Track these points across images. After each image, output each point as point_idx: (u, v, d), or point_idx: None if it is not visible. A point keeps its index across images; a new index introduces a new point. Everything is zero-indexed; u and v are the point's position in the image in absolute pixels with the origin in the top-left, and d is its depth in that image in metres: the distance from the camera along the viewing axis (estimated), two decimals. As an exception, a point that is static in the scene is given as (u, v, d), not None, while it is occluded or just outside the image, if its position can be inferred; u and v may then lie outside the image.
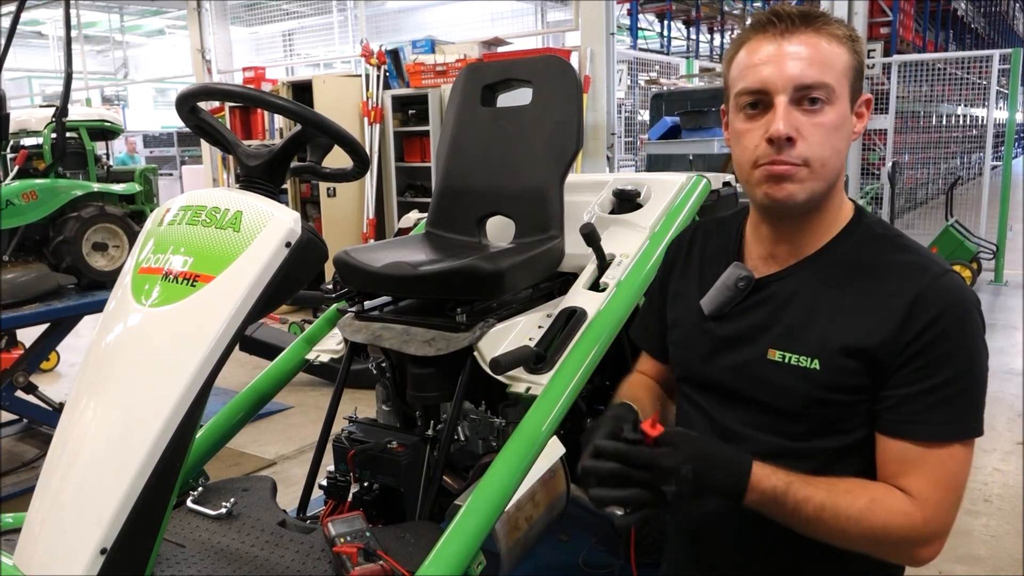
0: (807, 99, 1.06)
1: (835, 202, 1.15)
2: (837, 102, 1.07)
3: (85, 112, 4.37)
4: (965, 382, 1.03)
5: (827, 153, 1.08)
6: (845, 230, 1.14)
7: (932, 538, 1.03)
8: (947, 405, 1.02)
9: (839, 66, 1.07)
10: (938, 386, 1.02)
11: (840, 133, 1.09)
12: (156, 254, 1.42)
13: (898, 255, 1.10)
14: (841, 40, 1.08)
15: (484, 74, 2.32)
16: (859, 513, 1.01)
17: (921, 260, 1.08)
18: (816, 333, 1.09)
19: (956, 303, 1.03)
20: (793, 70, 1.05)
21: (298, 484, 2.22)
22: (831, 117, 1.07)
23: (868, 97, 1.12)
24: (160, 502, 1.31)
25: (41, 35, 17.26)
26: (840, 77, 1.07)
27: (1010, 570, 2.69)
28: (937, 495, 1.02)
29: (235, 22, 11.63)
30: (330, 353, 2.15)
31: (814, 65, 1.06)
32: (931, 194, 11.82)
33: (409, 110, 6.60)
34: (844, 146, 1.11)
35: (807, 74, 1.05)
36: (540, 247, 2.01)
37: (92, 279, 3.59)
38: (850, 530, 1.01)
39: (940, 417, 1.02)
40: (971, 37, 18.52)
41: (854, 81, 1.09)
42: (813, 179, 1.08)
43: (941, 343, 1.02)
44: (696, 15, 16.21)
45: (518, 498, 1.76)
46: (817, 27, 1.08)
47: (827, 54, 1.07)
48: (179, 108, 1.59)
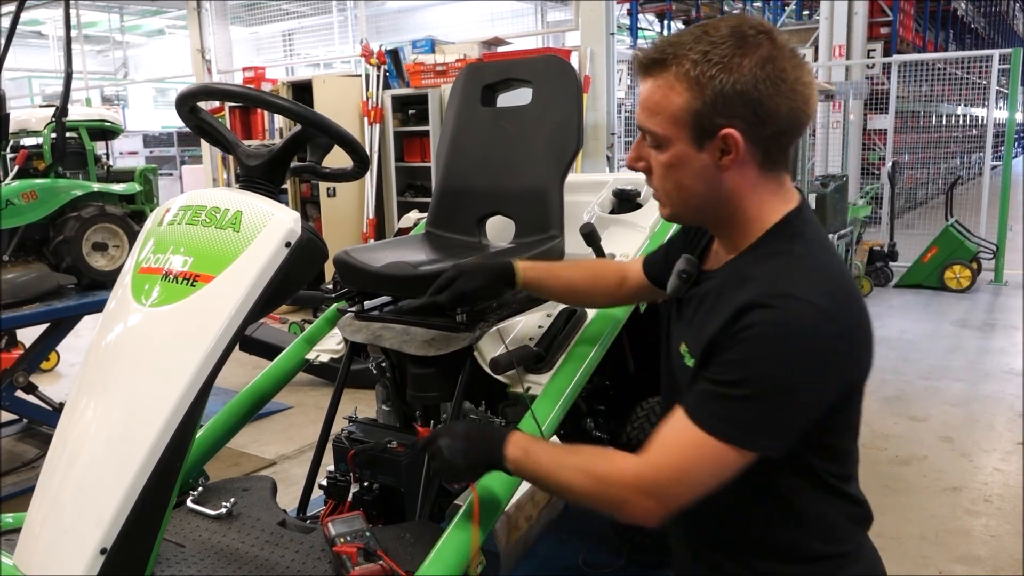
0: (647, 138, 1.16)
1: (740, 218, 1.16)
2: (669, 145, 1.13)
3: (85, 112, 4.37)
4: (743, 392, 1.04)
5: (668, 187, 1.17)
6: (757, 242, 1.16)
7: (639, 496, 1.10)
8: (718, 399, 1.06)
9: (668, 111, 1.11)
10: (722, 382, 1.06)
11: (680, 172, 1.14)
12: (156, 254, 1.42)
13: (771, 266, 1.11)
14: (682, 80, 1.09)
15: (484, 74, 2.32)
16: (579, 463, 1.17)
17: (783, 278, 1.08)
18: (698, 334, 1.14)
19: (776, 327, 1.03)
20: (637, 112, 1.17)
21: (298, 484, 2.22)
22: (665, 157, 1.14)
23: (728, 132, 1.08)
24: (160, 502, 1.31)
25: (41, 35, 17.25)
26: (669, 123, 1.11)
27: (1010, 570, 2.69)
28: (661, 462, 1.09)
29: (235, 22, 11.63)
30: (330, 353, 2.15)
31: (644, 111, 1.15)
32: (931, 194, 11.83)
33: (409, 110, 6.60)
34: (692, 182, 1.14)
35: (639, 118, 1.16)
36: (540, 247, 2.01)
37: (92, 279, 3.59)
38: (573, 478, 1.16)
39: (703, 402, 1.07)
40: (971, 37, 18.52)
41: (695, 122, 1.10)
42: (666, 206, 1.20)
43: (739, 348, 1.05)
44: (696, 15, 16.20)
45: (518, 498, 1.77)
46: (658, 72, 1.12)
47: (657, 100, 1.12)
48: (179, 108, 1.59)
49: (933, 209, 9.77)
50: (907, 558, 2.75)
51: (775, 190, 1.16)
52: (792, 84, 1.09)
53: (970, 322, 6.06)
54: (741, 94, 1.07)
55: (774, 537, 1.18)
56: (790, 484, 1.15)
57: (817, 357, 1.03)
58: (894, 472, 3.45)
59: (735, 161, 1.11)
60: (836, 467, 1.17)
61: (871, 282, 7.10)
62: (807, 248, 1.12)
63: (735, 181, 1.13)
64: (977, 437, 3.84)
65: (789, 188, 1.19)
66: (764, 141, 1.11)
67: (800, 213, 1.17)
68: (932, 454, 3.63)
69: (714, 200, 1.15)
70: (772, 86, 1.07)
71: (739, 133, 1.09)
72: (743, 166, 1.12)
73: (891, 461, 3.57)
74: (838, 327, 1.04)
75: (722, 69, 1.07)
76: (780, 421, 1.06)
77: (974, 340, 5.58)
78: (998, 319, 6.18)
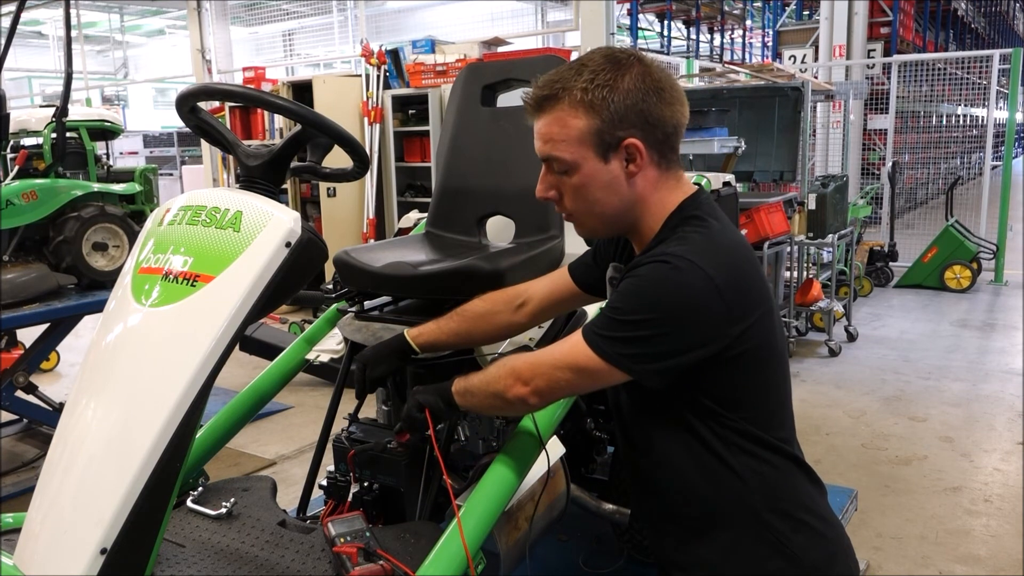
0: (554, 167, 1.30)
1: (644, 217, 1.33)
2: (579, 166, 1.27)
3: (85, 112, 4.36)
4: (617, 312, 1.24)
5: (582, 206, 1.32)
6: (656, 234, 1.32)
7: (515, 381, 1.32)
8: (601, 319, 1.26)
9: (572, 136, 1.26)
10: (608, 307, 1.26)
11: (590, 189, 1.29)
12: (156, 254, 1.42)
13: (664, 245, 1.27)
14: (576, 107, 1.25)
15: (484, 74, 2.32)
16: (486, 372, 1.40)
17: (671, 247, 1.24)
18: None
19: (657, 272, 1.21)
20: (537, 146, 1.31)
21: (298, 484, 2.22)
22: (575, 180, 1.29)
23: (631, 141, 1.25)
24: (160, 502, 1.31)
25: (41, 35, 17.26)
26: (575, 145, 1.26)
27: (1010, 570, 2.69)
28: (540, 357, 1.32)
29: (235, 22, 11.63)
30: (330, 353, 2.15)
31: (547, 142, 1.29)
32: (931, 194, 11.83)
33: (409, 110, 6.60)
34: (603, 195, 1.29)
35: (543, 150, 1.30)
36: (540, 247, 2.01)
37: (92, 279, 3.59)
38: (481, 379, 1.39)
39: (592, 323, 1.27)
40: (971, 37, 18.52)
41: (597, 139, 1.25)
42: (583, 224, 1.36)
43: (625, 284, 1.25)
44: (696, 15, 16.21)
45: (518, 498, 1.76)
46: (551, 106, 1.27)
47: (556, 131, 1.27)
48: (179, 108, 1.59)
49: (933, 209, 9.77)
50: (907, 558, 2.75)
51: (673, 186, 1.32)
52: (670, 92, 1.27)
53: (970, 322, 6.06)
54: (632, 107, 1.24)
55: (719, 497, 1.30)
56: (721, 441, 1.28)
57: (686, 303, 1.19)
58: (894, 472, 3.46)
59: (640, 166, 1.27)
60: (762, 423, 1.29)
61: (871, 282, 7.11)
62: (698, 224, 1.28)
63: (640, 184, 1.29)
64: (977, 437, 3.85)
65: (685, 181, 1.35)
66: (658, 143, 1.28)
67: (693, 199, 1.33)
68: (932, 454, 3.63)
69: (625, 207, 1.31)
70: (655, 95, 1.25)
71: (639, 140, 1.25)
72: (646, 169, 1.28)
73: (891, 461, 3.57)
74: (712, 283, 1.19)
75: (610, 90, 1.23)
76: (646, 349, 1.21)
77: (974, 340, 5.58)
78: (998, 319, 6.18)
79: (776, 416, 1.33)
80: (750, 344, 1.24)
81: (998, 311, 6.47)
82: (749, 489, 1.28)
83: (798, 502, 1.31)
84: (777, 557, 1.27)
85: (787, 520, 1.29)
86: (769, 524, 1.28)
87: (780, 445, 1.31)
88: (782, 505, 1.29)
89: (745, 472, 1.28)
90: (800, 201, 5.47)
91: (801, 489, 1.33)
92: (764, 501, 1.28)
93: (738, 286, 1.22)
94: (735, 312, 1.21)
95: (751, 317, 1.24)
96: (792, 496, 1.31)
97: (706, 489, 1.30)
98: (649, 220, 1.32)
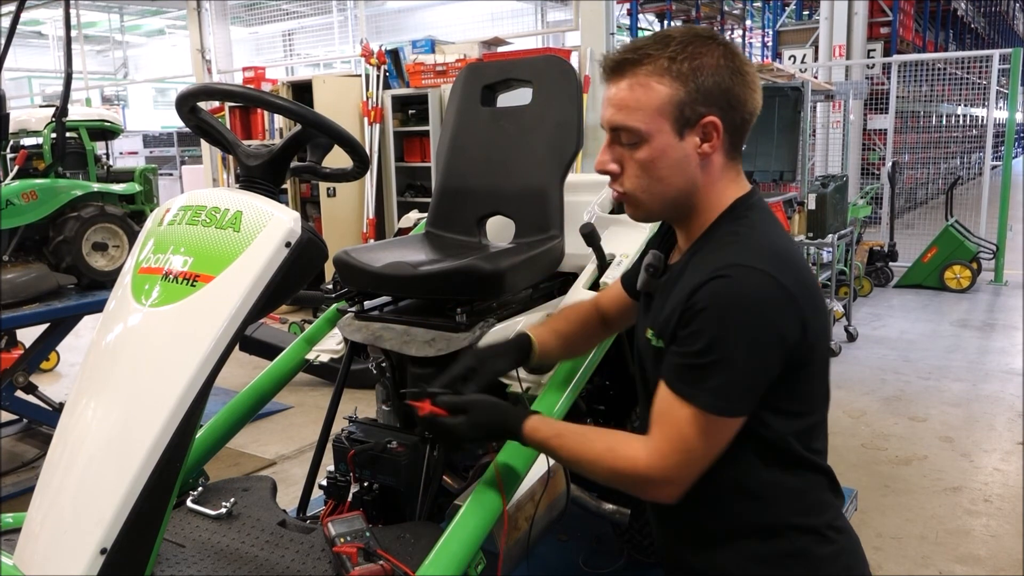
0: (622, 138, 1.21)
1: (701, 206, 1.25)
2: (651, 138, 1.19)
3: (85, 112, 4.36)
4: (711, 360, 1.13)
5: (645, 183, 1.22)
6: (709, 227, 1.25)
7: (655, 483, 1.19)
8: (693, 371, 1.15)
9: (652, 105, 1.18)
10: (690, 353, 1.15)
11: (659, 164, 1.20)
12: (156, 254, 1.42)
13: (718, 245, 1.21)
14: (662, 75, 1.18)
15: (484, 74, 2.32)
16: (595, 458, 1.24)
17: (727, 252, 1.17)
18: (664, 315, 1.22)
19: (722, 295, 1.13)
20: (606, 114, 1.22)
21: (298, 484, 2.23)
22: (644, 154, 1.20)
23: (711, 119, 1.18)
24: (160, 502, 1.31)
25: (41, 35, 17.25)
26: (653, 115, 1.18)
27: (1010, 570, 2.69)
28: (664, 448, 1.17)
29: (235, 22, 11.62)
30: (330, 353, 2.15)
31: (621, 110, 1.20)
32: (931, 194, 11.83)
33: (409, 110, 6.60)
34: (670, 173, 1.21)
35: (615, 118, 1.21)
36: (540, 247, 2.01)
37: (92, 279, 3.59)
38: (593, 471, 1.25)
39: (684, 377, 1.16)
40: (971, 37, 18.52)
41: (678, 112, 1.18)
42: (640, 205, 1.25)
43: (696, 321, 1.14)
44: (696, 15, 16.21)
45: (518, 498, 1.76)
46: (633, 71, 1.19)
47: (636, 97, 1.18)
48: (179, 108, 1.59)
49: (933, 209, 9.77)
50: (907, 558, 2.75)
51: (733, 178, 1.26)
52: (750, 76, 1.21)
53: (970, 322, 6.06)
54: (717, 84, 1.18)
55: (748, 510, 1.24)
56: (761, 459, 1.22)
57: (763, 314, 1.12)
58: (894, 472, 3.46)
59: (714, 147, 1.21)
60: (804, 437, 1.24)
61: (871, 282, 7.11)
62: (751, 228, 1.22)
63: (707, 169, 1.23)
64: (977, 437, 3.85)
65: (743, 177, 1.29)
66: (734, 128, 1.22)
67: (747, 199, 1.26)
68: (932, 454, 3.63)
69: (688, 190, 1.23)
70: (738, 77, 1.19)
71: (719, 120, 1.19)
72: (716, 154, 1.22)
73: (891, 461, 3.57)
74: (781, 288, 1.13)
75: (699, 64, 1.17)
76: (746, 380, 1.14)
77: (974, 340, 5.58)
78: (998, 319, 6.18)
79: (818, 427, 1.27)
80: (816, 352, 1.20)
81: (998, 311, 6.47)
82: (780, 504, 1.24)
83: (825, 517, 1.27)
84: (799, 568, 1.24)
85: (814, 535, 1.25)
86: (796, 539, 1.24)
87: (816, 461, 1.26)
88: (811, 521, 1.25)
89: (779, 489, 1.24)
90: (800, 201, 5.47)
91: (829, 504, 1.29)
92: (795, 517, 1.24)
93: (807, 289, 1.17)
94: (801, 314, 1.15)
95: (819, 321, 1.19)
96: (820, 511, 1.27)
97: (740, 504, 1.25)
98: (705, 211, 1.25)
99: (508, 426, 1.33)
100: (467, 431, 1.33)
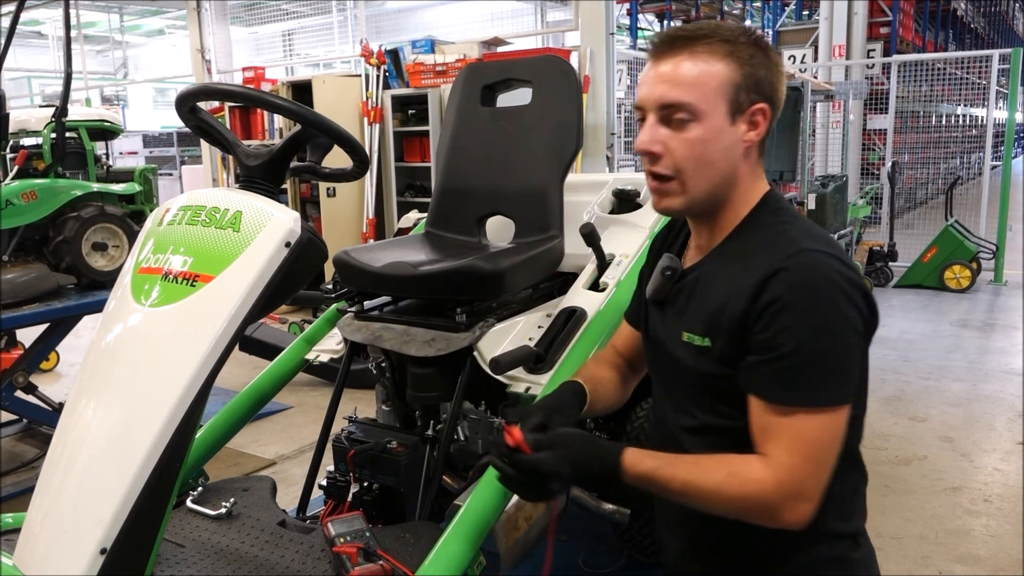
0: (672, 117, 1.15)
1: (735, 199, 1.21)
2: (705, 118, 1.14)
3: (85, 112, 4.36)
4: (809, 354, 1.07)
5: (692, 166, 1.16)
6: (744, 220, 1.21)
7: (790, 502, 1.08)
8: (791, 374, 1.08)
9: (710, 84, 1.14)
10: (783, 356, 1.08)
11: (711, 146, 1.16)
12: (156, 254, 1.42)
13: (768, 236, 1.17)
14: (721, 56, 1.14)
15: (484, 74, 2.32)
16: (716, 487, 1.10)
17: (784, 238, 1.14)
18: (706, 313, 1.17)
19: (806, 280, 1.08)
20: (656, 91, 1.15)
21: (298, 484, 2.22)
22: (696, 133, 1.14)
23: (761, 107, 1.17)
24: (160, 502, 1.31)
25: (41, 35, 17.24)
26: (710, 94, 1.14)
27: (1010, 570, 2.69)
28: (792, 460, 1.08)
29: (235, 22, 11.62)
30: (330, 353, 2.15)
31: (677, 86, 1.14)
32: (931, 194, 11.83)
33: (409, 110, 6.59)
34: (719, 157, 1.17)
35: (668, 95, 1.14)
36: (540, 247, 2.01)
37: (92, 279, 3.59)
38: (712, 501, 1.11)
39: (785, 384, 1.08)
40: (971, 37, 18.52)
41: (735, 94, 1.15)
42: (684, 191, 1.18)
43: (784, 317, 1.08)
44: (696, 15, 16.20)
45: (518, 498, 1.76)
46: (691, 48, 1.15)
47: (693, 74, 1.14)
48: (179, 108, 1.59)
49: (933, 209, 9.77)
50: (907, 558, 2.75)
51: (760, 175, 1.24)
52: (784, 75, 1.21)
53: (970, 322, 6.06)
54: (767, 76, 1.17)
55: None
56: None
57: (845, 295, 1.08)
58: (894, 472, 3.45)
59: (759, 136, 1.18)
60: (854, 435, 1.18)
61: (871, 282, 7.10)
62: (795, 217, 1.20)
63: (747, 160, 1.20)
64: (977, 437, 3.84)
65: (764, 175, 1.26)
66: (772, 122, 1.20)
67: (776, 193, 1.25)
68: (932, 454, 3.63)
69: (729, 179, 1.19)
70: (778, 72, 1.18)
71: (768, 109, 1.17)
72: (756, 146, 1.20)
73: (891, 461, 3.57)
74: (850, 268, 1.11)
75: (752, 51, 1.16)
76: (845, 362, 1.09)
77: (974, 340, 5.58)
78: (998, 319, 6.18)
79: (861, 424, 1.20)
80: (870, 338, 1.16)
81: (998, 311, 6.47)
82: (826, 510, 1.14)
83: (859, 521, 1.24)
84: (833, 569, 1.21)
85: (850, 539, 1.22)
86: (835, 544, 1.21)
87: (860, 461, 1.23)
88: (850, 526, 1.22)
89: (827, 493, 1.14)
90: (800, 201, 5.48)
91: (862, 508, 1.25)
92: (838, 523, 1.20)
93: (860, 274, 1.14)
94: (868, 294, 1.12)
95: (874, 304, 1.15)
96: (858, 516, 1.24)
97: None
98: (738, 203, 1.21)
99: (605, 459, 1.14)
100: (555, 466, 1.12)
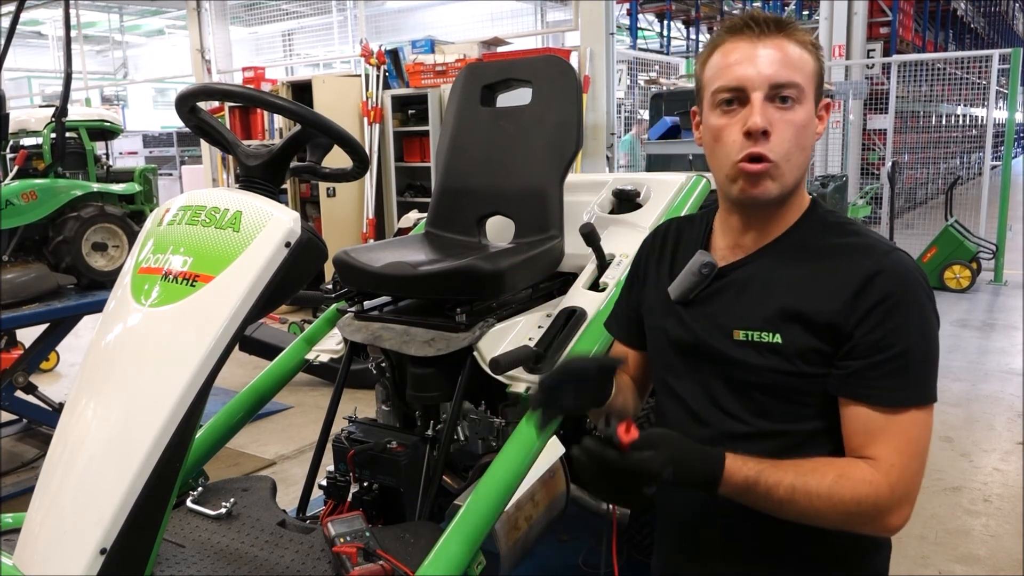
0: (779, 97, 1.14)
1: (799, 192, 1.23)
2: (805, 102, 1.16)
3: (85, 112, 4.37)
4: (918, 352, 1.09)
5: (795, 149, 1.16)
6: (801, 218, 1.22)
7: (899, 504, 1.09)
8: (904, 373, 1.09)
9: (807, 70, 1.17)
10: (895, 356, 1.09)
11: (807, 131, 1.17)
12: (156, 254, 1.42)
13: (848, 237, 1.19)
14: (807, 47, 1.18)
15: (484, 74, 2.32)
16: (828, 489, 1.07)
17: (870, 241, 1.17)
18: (774, 309, 1.16)
19: (907, 279, 1.11)
20: (768, 69, 1.14)
21: (298, 484, 2.22)
22: (800, 115, 1.15)
23: (827, 102, 1.21)
24: (160, 502, 1.31)
25: (41, 35, 17.24)
26: (808, 80, 1.17)
27: (1010, 570, 2.69)
28: (901, 461, 1.09)
29: (235, 22, 11.62)
30: (330, 353, 2.15)
31: (787, 66, 1.15)
32: (931, 194, 11.83)
33: (409, 110, 6.60)
34: (809, 144, 1.19)
35: (781, 74, 1.14)
36: (540, 247, 2.01)
37: (92, 279, 3.59)
38: (822, 507, 1.07)
39: (898, 384, 1.09)
40: (971, 37, 18.52)
41: (818, 86, 1.19)
42: (783, 176, 1.16)
43: (894, 316, 1.09)
44: (696, 15, 16.21)
45: (518, 498, 1.77)
46: (788, 33, 1.17)
47: (797, 58, 1.16)
48: (179, 108, 1.59)
49: (933, 209, 9.76)
50: (907, 558, 2.75)
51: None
52: None
53: (970, 322, 6.06)
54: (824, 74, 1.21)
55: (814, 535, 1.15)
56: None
57: (928, 294, 1.13)
58: (894, 472, 3.45)
59: (823, 130, 1.22)
60: None
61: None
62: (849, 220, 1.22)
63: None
64: (977, 437, 3.84)
65: None
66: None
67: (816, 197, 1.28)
68: (932, 454, 3.59)
69: (803, 172, 1.20)
70: None
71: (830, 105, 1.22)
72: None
73: (891, 461, 3.57)
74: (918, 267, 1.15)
75: (819, 47, 1.20)
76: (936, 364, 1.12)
77: (974, 340, 5.58)
78: (998, 319, 6.18)
79: None
80: None
81: (998, 311, 6.47)
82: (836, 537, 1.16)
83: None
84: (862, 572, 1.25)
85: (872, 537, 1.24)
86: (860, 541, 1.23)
87: None
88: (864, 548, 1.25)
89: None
90: (800, 201, 5.46)
91: None
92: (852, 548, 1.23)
93: None
94: None
95: None
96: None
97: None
98: (799, 197, 1.22)
99: (708, 462, 1.07)
100: (660, 467, 1.03)
